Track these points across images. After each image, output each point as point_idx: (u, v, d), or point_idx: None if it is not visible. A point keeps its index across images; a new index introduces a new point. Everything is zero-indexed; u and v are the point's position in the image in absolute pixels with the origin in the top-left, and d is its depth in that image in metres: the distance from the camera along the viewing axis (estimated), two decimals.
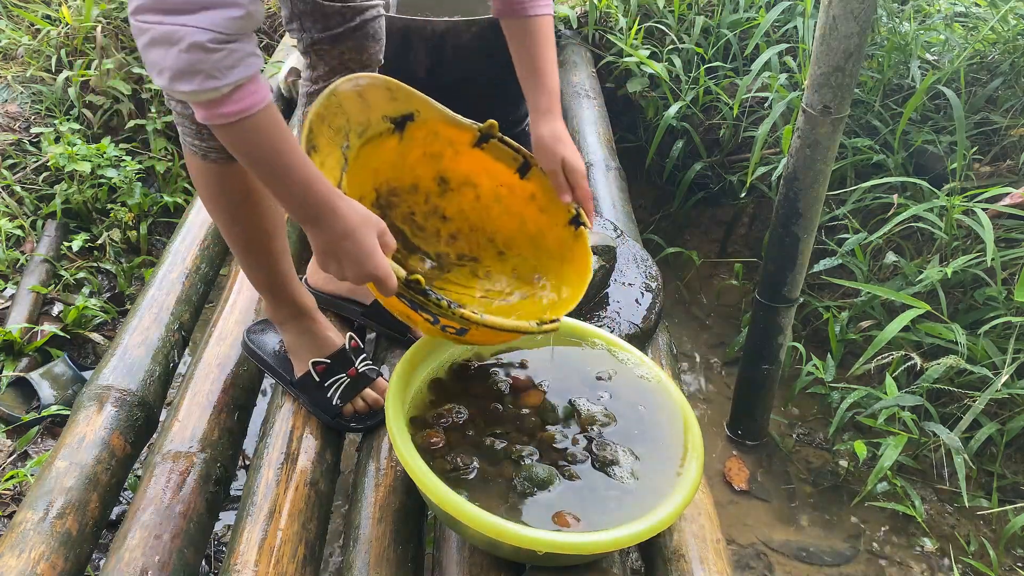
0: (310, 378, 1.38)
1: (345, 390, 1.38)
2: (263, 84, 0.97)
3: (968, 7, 2.51)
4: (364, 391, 1.39)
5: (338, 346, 1.40)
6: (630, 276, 1.70)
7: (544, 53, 1.24)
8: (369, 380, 1.40)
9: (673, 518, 1.11)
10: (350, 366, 1.39)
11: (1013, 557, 1.82)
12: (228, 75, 0.91)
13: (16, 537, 1.19)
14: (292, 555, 1.19)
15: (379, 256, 1.05)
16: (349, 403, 1.38)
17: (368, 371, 1.41)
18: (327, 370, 1.38)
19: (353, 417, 1.39)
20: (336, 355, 1.39)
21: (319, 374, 1.37)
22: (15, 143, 2.49)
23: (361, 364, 1.40)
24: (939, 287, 1.93)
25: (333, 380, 1.37)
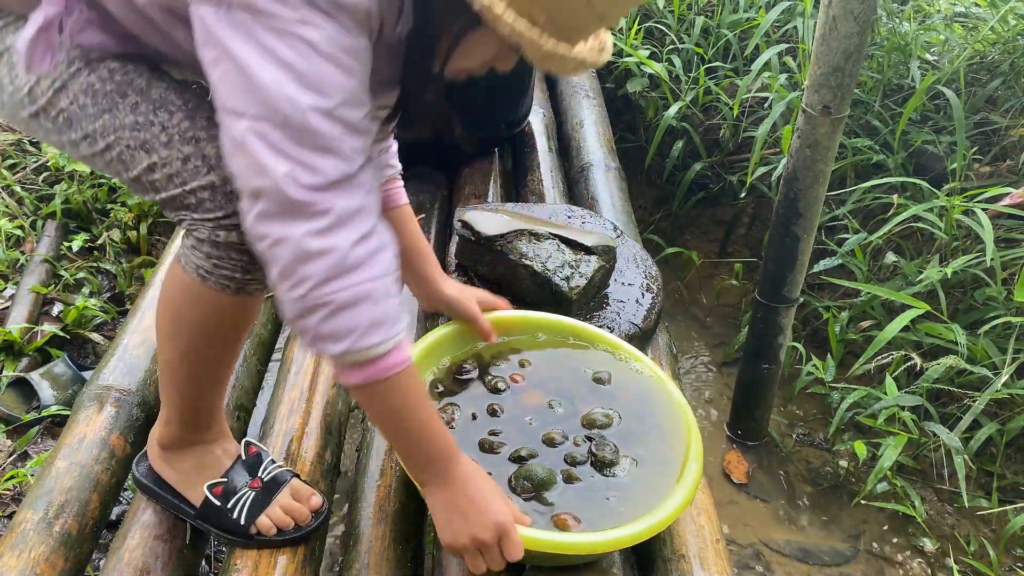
0: (211, 504, 1.18)
1: (252, 505, 1.18)
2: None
3: (968, 7, 2.51)
4: (277, 499, 1.18)
5: (230, 461, 1.22)
6: (630, 276, 1.70)
7: (416, 231, 1.37)
8: (279, 485, 1.20)
9: (672, 519, 1.11)
10: (252, 477, 1.20)
11: (1013, 557, 1.82)
12: (400, 320, 0.92)
13: (16, 537, 1.18)
14: (292, 555, 1.19)
15: (504, 502, 1.03)
16: (264, 516, 1.17)
17: (275, 477, 1.21)
18: (224, 491, 1.19)
19: (279, 533, 1.18)
20: (230, 472, 1.20)
21: (218, 497, 1.18)
22: (15, 143, 2.49)
23: (266, 471, 1.21)
24: (939, 287, 1.93)
25: (235, 499, 1.18)
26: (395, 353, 0.93)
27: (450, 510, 1.03)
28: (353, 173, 0.89)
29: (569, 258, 1.57)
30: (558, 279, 1.53)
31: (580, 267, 1.56)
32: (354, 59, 0.89)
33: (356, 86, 0.90)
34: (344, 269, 0.88)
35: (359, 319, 0.89)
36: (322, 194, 0.87)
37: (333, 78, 0.86)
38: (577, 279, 1.54)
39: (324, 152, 0.87)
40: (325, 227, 0.87)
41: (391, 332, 0.92)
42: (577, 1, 0.88)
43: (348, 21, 0.87)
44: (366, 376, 0.93)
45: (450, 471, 1.03)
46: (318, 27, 0.84)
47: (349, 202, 0.89)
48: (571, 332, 1.41)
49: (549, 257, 1.56)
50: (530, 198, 2.12)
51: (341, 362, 0.93)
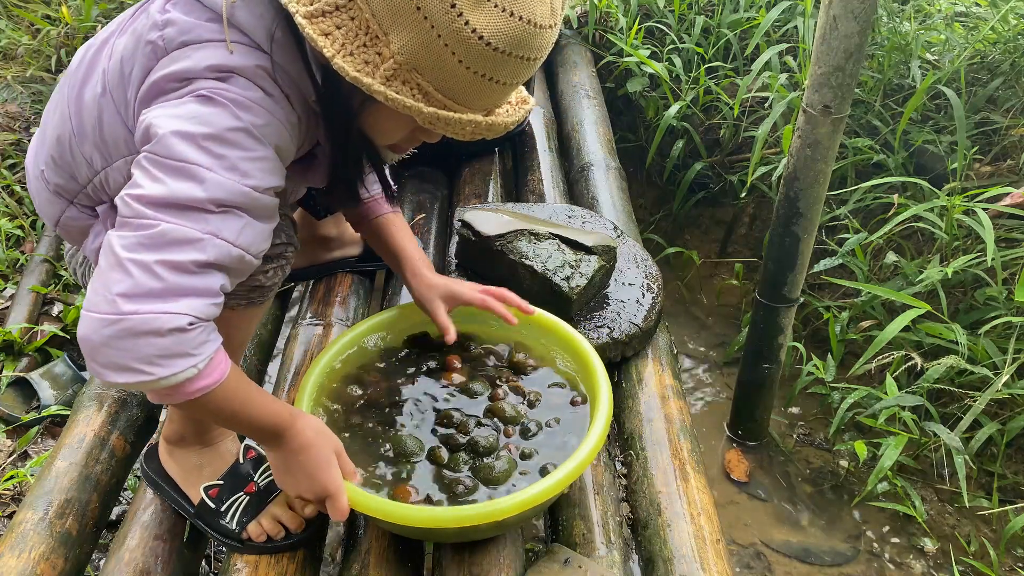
0: (206, 505, 1.21)
1: (244, 510, 1.20)
2: (224, 351, 0.97)
3: (968, 7, 2.51)
4: (270, 507, 1.21)
5: (230, 462, 1.25)
6: (630, 276, 1.70)
7: (403, 236, 1.42)
8: (272, 493, 1.22)
9: (487, 517, 1.08)
10: (248, 482, 1.23)
11: (1013, 557, 1.82)
12: (203, 350, 0.91)
13: (16, 537, 1.19)
14: (292, 555, 1.19)
15: (334, 471, 1.07)
16: (255, 523, 1.19)
17: (271, 481, 1.22)
18: (219, 493, 1.22)
19: (268, 540, 1.19)
20: (227, 474, 1.23)
21: (212, 499, 1.21)
22: (15, 143, 2.49)
23: (263, 476, 1.24)
24: (939, 287, 1.92)
25: (230, 503, 1.21)
26: (196, 380, 0.93)
27: (281, 470, 1.11)
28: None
29: (569, 258, 1.57)
30: (558, 279, 1.53)
31: (580, 267, 1.56)
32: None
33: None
34: (142, 293, 0.87)
35: (147, 348, 0.87)
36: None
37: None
38: (577, 279, 1.54)
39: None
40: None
41: (197, 360, 0.91)
42: (459, 70, 0.92)
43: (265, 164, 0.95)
44: (178, 394, 0.93)
45: (285, 441, 1.07)
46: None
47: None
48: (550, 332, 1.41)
49: (549, 257, 1.56)
50: (530, 198, 2.12)
51: (163, 385, 0.91)
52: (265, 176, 0.94)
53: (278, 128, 0.95)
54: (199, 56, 0.93)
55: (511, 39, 0.91)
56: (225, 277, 0.93)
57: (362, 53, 0.92)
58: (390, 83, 0.93)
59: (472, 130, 0.97)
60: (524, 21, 0.90)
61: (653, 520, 1.31)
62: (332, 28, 0.92)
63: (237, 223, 0.92)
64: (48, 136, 1.10)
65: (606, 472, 1.39)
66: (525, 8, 0.90)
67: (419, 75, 0.93)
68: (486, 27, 0.89)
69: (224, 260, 0.91)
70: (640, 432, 1.46)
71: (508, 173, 2.29)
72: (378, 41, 0.92)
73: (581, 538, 1.27)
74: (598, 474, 1.37)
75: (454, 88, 0.94)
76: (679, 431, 1.45)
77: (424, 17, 0.89)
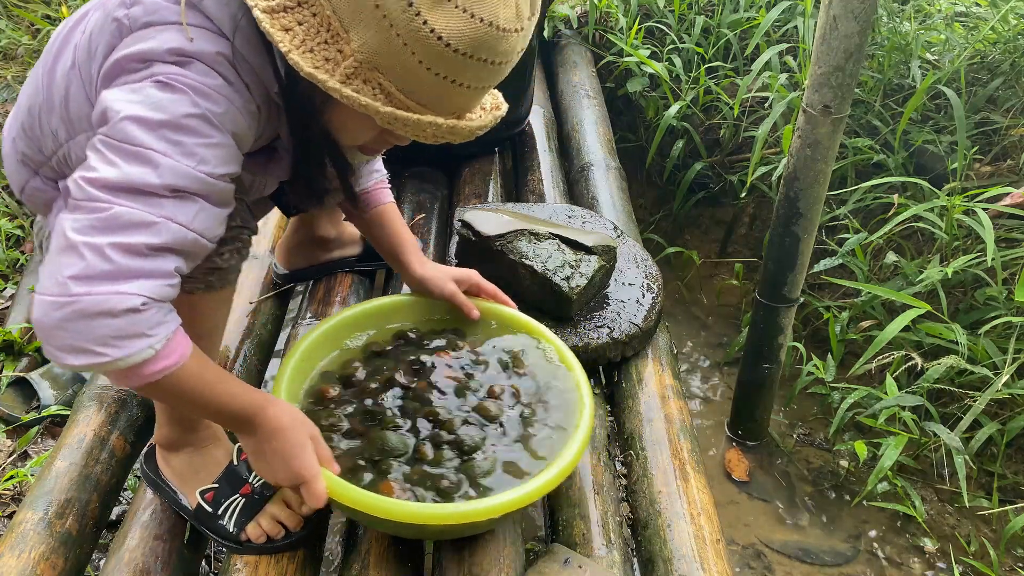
0: (203, 509, 1.20)
1: (241, 512, 1.19)
2: (183, 334, 0.95)
3: (968, 7, 2.51)
4: (268, 507, 1.20)
5: (223, 464, 1.23)
6: (630, 276, 1.70)
7: (397, 225, 1.43)
8: (268, 495, 1.21)
9: (462, 518, 1.08)
10: (243, 483, 1.21)
11: (1013, 557, 1.82)
12: (159, 331, 0.90)
13: (16, 537, 1.19)
14: (292, 555, 1.19)
15: (308, 456, 1.05)
16: (253, 523, 1.18)
17: (267, 484, 1.21)
18: (215, 496, 1.20)
19: (268, 540, 1.18)
20: (222, 476, 1.22)
21: (209, 503, 1.20)
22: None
23: (258, 476, 1.21)
24: (939, 287, 1.92)
25: (226, 505, 1.20)
26: (154, 362, 0.91)
27: (256, 457, 1.08)
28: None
29: (569, 258, 1.57)
30: (558, 279, 1.53)
31: (580, 267, 1.56)
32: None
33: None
34: (94, 275, 0.86)
35: (101, 329, 0.86)
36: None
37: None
38: (577, 279, 1.54)
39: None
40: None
41: (153, 341, 0.90)
42: (420, 71, 0.91)
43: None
44: (135, 377, 0.92)
45: (258, 426, 1.05)
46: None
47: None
48: (518, 325, 1.42)
49: (549, 257, 1.56)
50: (530, 198, 2.12)
51: (120, 367, 0.91)
52: (221, 162, 0.94)
53: (235, 115, 0.95)
54: (161, 38, 0.93)
55: (472, 41, 0.90)
56: (179, 260, 0.92)
57: (323, 50, 0.92)
58: (350, 81, 0.92)
59: (433, 132, 0.96)
60: (485, 23, 0.89)
61: (653, 520, 1.31)
62: (293, 24, 0.92)
63: (192, 208, 0.91)
64: (21, 105, 1.11)
65: (606, 472, 1.39)
66: (487, 10, 0.89)
67: (380, 74, 0.92)
68: (445, 28, 0.88)
69: (178, 244, 0.91)
70: (640, 432, 1.46)
71: (508, 173, 2.29)
72: (339, 38, 0.92)
73: (581, 538, 1.27)
74: (598, 474, 1.37)
75: (416, 89, 0.93)
76: (679, 431, 1.45)
77: (383, 15, 0.88)
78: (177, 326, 0.94)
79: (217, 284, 1.12)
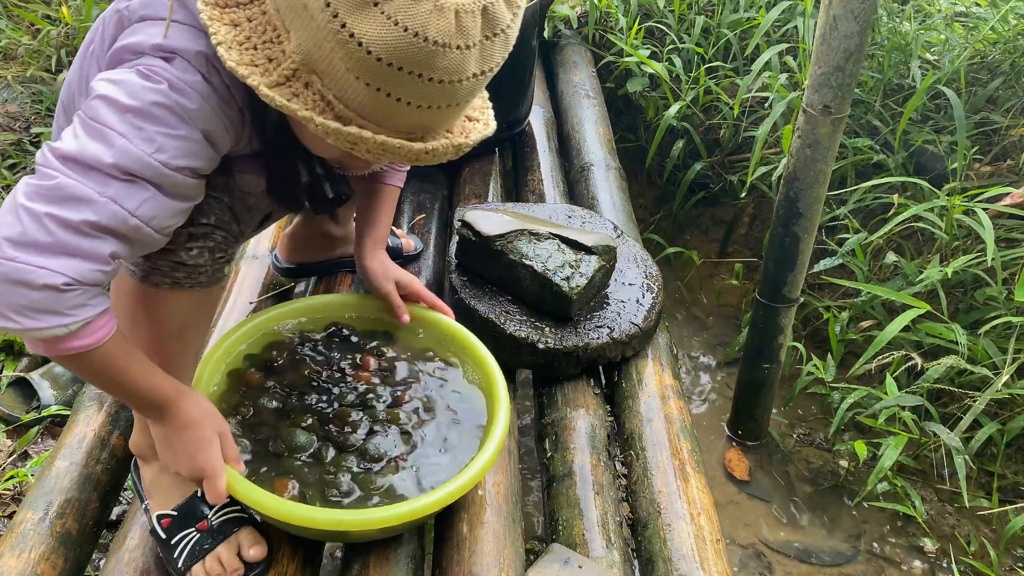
0: (157, 534, 1.17)
1: (192, 550, 1.14)
2: (109, 317, 0.95)
3: (968, 7, 2.51)
4: (218, 548, 1.14)
5: (188, 493, 1.18)
6: (630, 276, 1.70)
7: (382, 210, 1.44)
8: (225, 535, 1.15)
9: (349, 526, 1.09)
10: (201, 519, 1.16)
11: (1013, 557, 1.82)
12: (78, 313, 0.89)
13: (16, 537, 1.19)
14: (292, 555, 1.19)
15: (213, 452, 1.06)
16: (200, 565, 1.13)
17: (226, 522, 1.16)
18: (171, 525, 1.16)
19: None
20: (183, 506, 1.17)
21: (164, 529, 1.16)
22: (15, 143, 2.49)
23: (218, 515, 1.17)
24: (939, 287, 1.92)
25: (180, 538, 1.15)
26: (84, 334, 0.92)
27: (163, 446, 1.08)
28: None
29: (569, 258, 1.57)
30: (558, 279, 1.53)
31: (580, 267, 1.56)
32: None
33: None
34: (26, 242, 0.85)
35: (16, 297, 0.86)
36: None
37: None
38: (577, 279, 1.54)
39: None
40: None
41: (67, 321, 0.89)
42: (349, 79, 0.87)
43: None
44: (47, 349, 0.92)
45: (168, 417, 1.05)
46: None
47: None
48: (452, 337, 1.42)
49: (549, 257, 1.56)
50: (530, 198, 2.12)
51: (35, 336, 0.91)
52: (181, 155, 0.93)
53: (210, 114, 0.95)
54: (150, 32, 0.95)
55: (397, 52, 0.84)
56: (119, 245, 0.91)
57: (266, 48, 0.90)
58: (289, 83, 0.89)
59: (377, 153, 0.92)
60: (410, 33, 0.83)
61: (653, 520, 1.31)
62: (243, 19, 0.91)
63: (140, 194, 0.90)
64: (64, 82, 1.15)
65: (606, 472, 1.39)
66: (415, 20, 0.82)
67: (318, 78, 0.89)
68: (366, 34, 0.83)
69: (119, 227, 0.89)
70: (640, 432, 1.46)
71: (508, 173, 2.30)
72: (282, 38, 0.90)
73: (581, 538, 1.27)
74: (598, 474, 1.37)
75: (354, 100, 0.89)
76: (679, 431, 1.45)
77: (311, 16, 0.85)
78: (102, 310, 0.93)
79: (186, 282, 1.08)
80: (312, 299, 1.47)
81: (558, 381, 1.57)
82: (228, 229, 1.10)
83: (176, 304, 1.10)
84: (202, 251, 1.07)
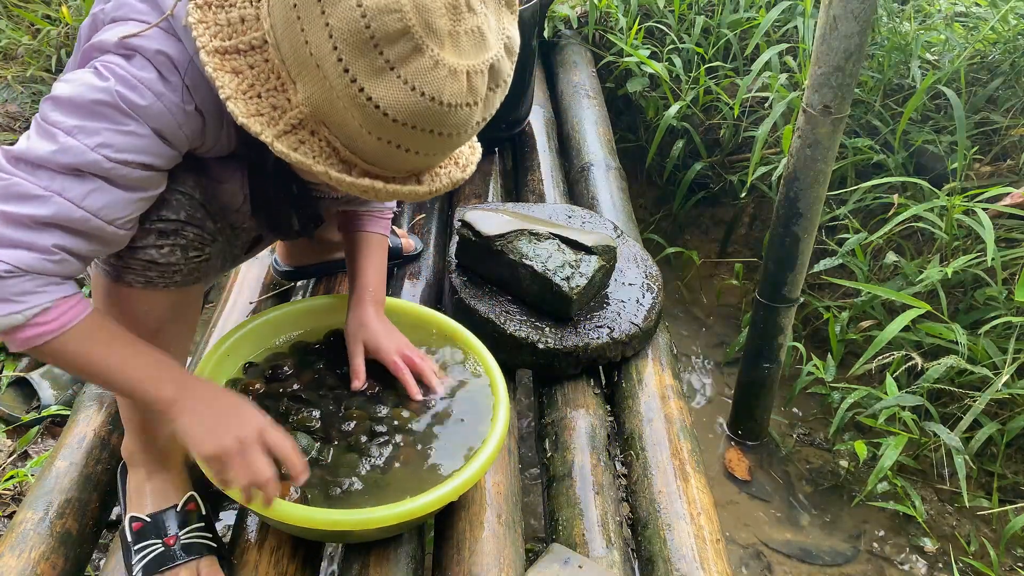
0: (124, 535, 1.16)
1: (151, 562, 1.12)
2: (71, 305, 0.96)
3: (968, 7, 2.51)
4: (177, 569, 1.12)
5: (168, 503, 1.18)
6: (630, 276, 1.70)
7: (364, 261, 1.36)
8: (185, 558, 1.13)
9: (336, 525, 1.09)
10: (169, 534, 1.15)
11: (1013, 557, 1.82)
12: (26, 299, 0.91)
13: (16, 537, 1.19)
14: (292, 555, 1.19)
15: (249, 409, 1.07)
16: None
17: (192, 545, 1.15)
18: (141, 531, 1.15)
19: None
20: (157, 516, 1.16)
21: (133, 533, 1.15)
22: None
23: (188, 534, 1.15)
24: (939, 287, 1.92)
25: (144, 546, 1.14)
26: (39, 321, 0.93)
27: (203, 423, 1.03)
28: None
29: (569, 258, 1.57)
30: (558, 279, 1.53)
31: (580, 267, 1.56)
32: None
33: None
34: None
35: None
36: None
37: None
38: (577, 279, 1.54)
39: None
40: None
41: (14, 309, 0.92)
42: (362, 134, 0.89)
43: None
44: (8, 340, 0.95)
45: (185, 399, 1.03)
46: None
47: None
48: (452, 336, 1.42)
49: (549, 257, 1.56)
50: (530, 198, 2.12)
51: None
52: (127, 150, 0.94)
53: (161, 111, 0.95)
54: (118, 31, 0.97)
55: (413, 115, 0.87)
56: (66, 237, 0.93)
57: (271, 97, 0.92)
58: (295, 131, 0.91)
59: (374, 195, 0.95)
60: (429, 98, 0.86)
61: (653, 520, 1.31)
62: (244, 67, 0.92)
63: (85, 186, 0.92)
64: None
65: (606, 472, 1.39)
66: (431, 86, 0.86)
67: (327, 128, 0.91)
68: (383, 98, 0.86)
69: (64, 219, 0.92)
70: (640, 432, 1.46)
71: (508, 173, 2.30)
72: (287, 88, 0.92)
73: (581, 538, 1.27)
74: (598, 474, 1.37)
75: (362, 149, 0.92)
76: (679, 431, 1.45)
77: (324, 76, 0.87)
78: (59, 297, 0.94)
79: (159, 281, 1.07)
80: (311, 301, 1.47)
81: (558, 381, 1.57)
82: (201, 226, 1.08)
83: (151, 304, 1.09)
84: (173, 249, 1.06)
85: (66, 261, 0.94)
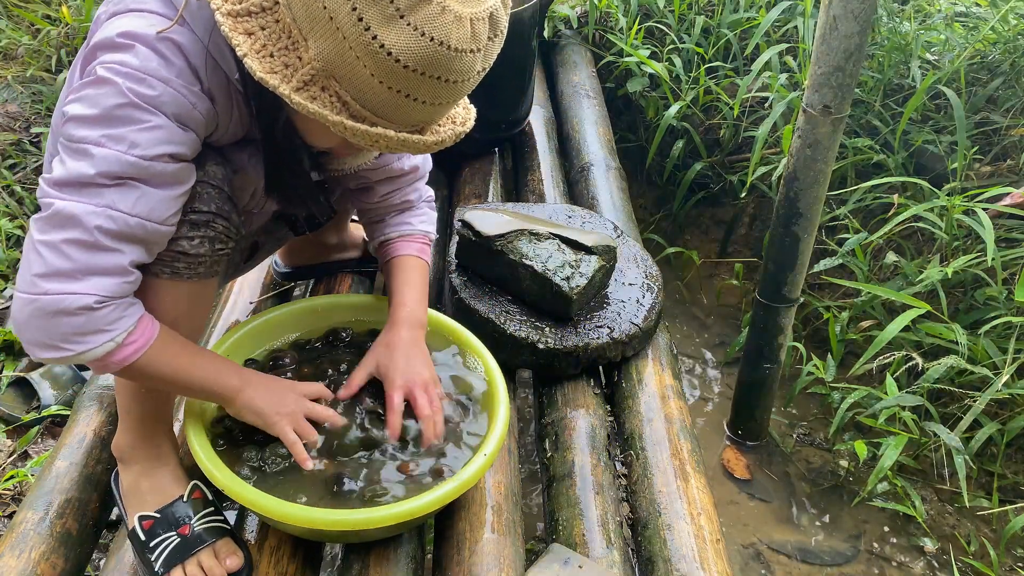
0: (136, 535, 1.16)
1: (172, 553, 1.14)
2: (148, 320, 1.03)
3: (968, 7, 2.51)
4: (199, 554, 1.14)
5: (174, 497, 1.19)
6: (630, 276, 1.70)
7: (398, 281, 1.37)
8: (205, 542, 1.15)
9: (330, 524, 1.08)
10: (183, 523, 1.16)
11: (1013, 557, 1.82)
12: (118, 325, 0.98)
13: (16, 537, 1.19)
14: (292, 555, 1.19)
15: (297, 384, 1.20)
16: (179, 569, 1.13)
17: (208, 529, 1.16)
18: (153, 527, 1.16)
19: None
20: (167, 509, 1.17)
21: (145, 531, 1.16)
22: (15, 143, 2.49)
23: (201, 521, 1.17)
24: (939, 287, 1.92)
25: (160, 540, 1.15)
26: (128, 341, 1.00)
27: (265, 394, 1.16)
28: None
29: (569, 258, 1.57)
30: (558, 279, 1.53)
31: (580, 267, 1.56)
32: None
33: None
34: (50, 272, 0.93)
35: (59, 327, 0.95)
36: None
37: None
38: (577, 279, 1.54)
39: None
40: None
41: (113, 335, 0.98)
42: (373, 83, 0.93)
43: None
44: (105, 366, 1.01)
45: (247, 386, 1.15)
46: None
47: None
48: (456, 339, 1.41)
49: (550, 257, 1.56)
50: (530, 198, 2.12)
51: (86, 359, 0.99)
52: (156, 143, 0.96)
53: (173, 96, 0.97)
54: (116, 25, 0.98)
55: (423, 60, 0.91)
56: (136, 249, 0.97)
57: (283, 55, 0.95)
58: (307, 87, 0.94)
59: (385, 144, 0.98)
60: (437, 43, 0.91)
61: (653, 520, 1.31)
62: (256, 28, 0.95)
63: (132, 194, 0.95)
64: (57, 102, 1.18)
65: (606, 472, 1.39)
66: (440, 30, 0.90)
67: (337, 83, 0.95)
68: (395, 45, 0.90)
69: (127, 231, 0.95)
70: (640, 432, 1.46)
71: (508, 173, 2.29)
72: (298, 45, 0.95)
73: (581, 538, 1.27)
74: (598, 474, 1.37)
75: (371, 100, 0.95)
76: (679, 431, 1.45)
77: (336, 28, 0.91)
78: (139, 316, 1.00)
79: (185, 272, 1.08)
80: (311, 301, 1.47)
81: (558, 381, 1.57)
82: (228, 218, 1.11)
83: (173, 295, 1.11)
84: (203, 240, 1.09)
85: (135, 276, 0.99)
